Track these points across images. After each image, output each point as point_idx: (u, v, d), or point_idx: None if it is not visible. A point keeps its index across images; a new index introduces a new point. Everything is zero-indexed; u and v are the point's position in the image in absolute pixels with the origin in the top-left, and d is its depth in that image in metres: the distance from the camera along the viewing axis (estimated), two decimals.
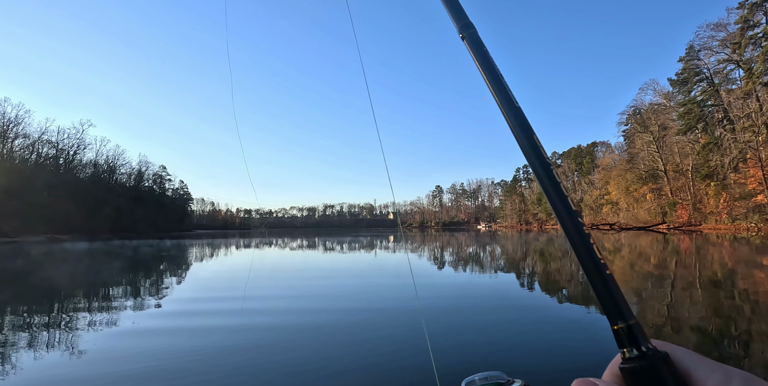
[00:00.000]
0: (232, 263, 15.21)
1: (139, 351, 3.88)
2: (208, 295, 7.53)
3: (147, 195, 77.84)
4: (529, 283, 8.54)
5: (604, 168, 70.86)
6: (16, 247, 27.28)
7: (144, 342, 4.23)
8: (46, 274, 11.74)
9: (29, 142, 54.26)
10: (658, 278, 8.94)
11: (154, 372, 3.29)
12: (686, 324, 4.82)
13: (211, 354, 3.76)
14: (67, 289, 8.69)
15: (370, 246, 23.87)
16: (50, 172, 55.44)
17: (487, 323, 4.90)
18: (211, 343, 4.10)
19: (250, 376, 3.19)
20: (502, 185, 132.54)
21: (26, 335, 4.64)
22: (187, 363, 3.50)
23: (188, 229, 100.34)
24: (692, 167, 45.61)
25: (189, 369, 3.36)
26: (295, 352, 3.81)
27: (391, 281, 8.82)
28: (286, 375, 3.23)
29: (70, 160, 61.02)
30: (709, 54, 42.41)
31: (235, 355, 3.70)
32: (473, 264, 12.81)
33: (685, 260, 12.83)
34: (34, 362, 3.67)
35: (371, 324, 4.89)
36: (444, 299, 6.52)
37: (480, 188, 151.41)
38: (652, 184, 52.58)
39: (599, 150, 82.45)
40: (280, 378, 3.17)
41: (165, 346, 4.03)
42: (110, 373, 3.31)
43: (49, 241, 37.93)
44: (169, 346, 4.03)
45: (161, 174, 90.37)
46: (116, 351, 3.92)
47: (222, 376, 3.19)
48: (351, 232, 64.91)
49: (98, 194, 58.80)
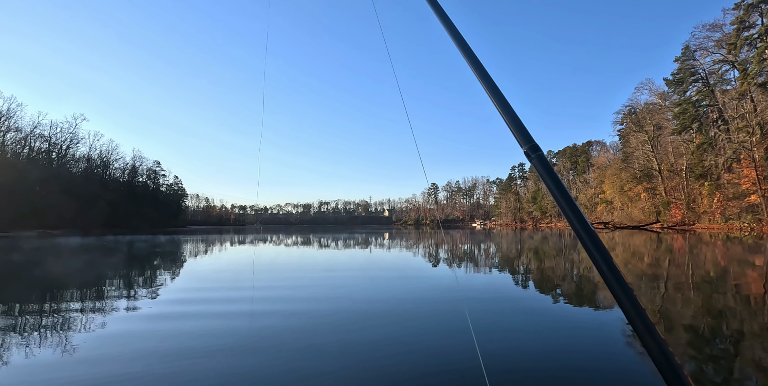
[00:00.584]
0: (234, 257, 15.07)
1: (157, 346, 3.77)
2: (221, 286, 7.41)
3: (141, 191, 77.29)
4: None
5: (599, 167, 71.19)
6: (11, 242, 26.93)
7: (162, 328, 4.12)
8: (48, 268, 11.56)
9: (21, 136, 53.66)
10: (650, 277, 8.93)
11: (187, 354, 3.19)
12: (678, 323, 4.78)
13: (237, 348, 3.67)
14: (68, 283, 8.53)
15: (379, 245, 23.80)
16: (43, 166, 54.84)
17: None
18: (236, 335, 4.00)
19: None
20: (497, 184, 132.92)
21: (47, 328, 4.51)
22: (238, 350, 3.40)
23: (182, 225, 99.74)
24: (686, 167, 45.89)
25: (235, 353, 3.26)
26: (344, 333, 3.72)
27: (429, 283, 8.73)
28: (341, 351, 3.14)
29: (63, 154, 60.43)
30: (705, 54, 42.60)
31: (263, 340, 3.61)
32: (482, 260, 12.76)
33: (678, 259, 12.87)
34: (53, 350, 3.55)
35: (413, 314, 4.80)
36: (491, 301, 6.45)
37: (475, 186, 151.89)
38: (646, 183, 52.88)
39: (594, 149, 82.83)
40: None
41: (193, 337, 3.93)
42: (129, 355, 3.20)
43: (42, 236, 37.52)
44: (202, 344, 3.93)
45: (155, 170, 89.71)
46: (131, 337, 3.81)
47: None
48: (346, 229, 64.84)
49: (91, 189, 58.26)
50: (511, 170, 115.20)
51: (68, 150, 61.42)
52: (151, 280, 8.84)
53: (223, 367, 3.21)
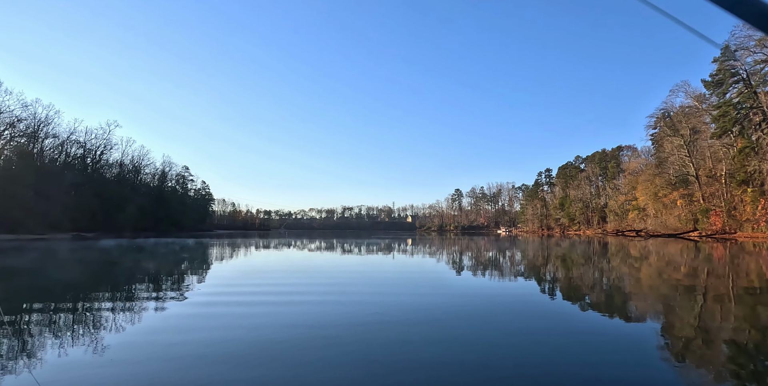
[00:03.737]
0: (268, 259, 15.30)
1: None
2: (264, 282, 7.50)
3: (170, 195, 79.79)
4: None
5: (631, 173, 68.47)
6: (53, 244, 28.34)
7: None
8: (97, 267, 12.11)
9: (58, 142, 55.69)
10: (688, 287, 8.40)
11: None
12: (718, 337, 4.42)
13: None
14: (113, 281, 8.86)
15: (408, 252, 23.68)
16: (78, 171, 57.24)
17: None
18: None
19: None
20: (523, 190, 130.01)
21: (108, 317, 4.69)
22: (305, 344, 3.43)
23: (209, 229, 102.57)
24: (726, 173, 43.48)
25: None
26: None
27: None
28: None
29: (96, 160, 62.69)
30: (746, 54, 40.40)
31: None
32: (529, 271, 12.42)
33: (718, 269, 12.08)
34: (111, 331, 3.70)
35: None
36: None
37: (500, 192, 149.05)
38: (682, 189, 50.41)
39: (625, 154, 79.83)
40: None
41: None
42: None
43: (75, 239, 39.37)
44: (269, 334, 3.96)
45: (184, 175, 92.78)
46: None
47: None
48: (369, 235, 64.85)
49: (123, 194, 60.43)
50: (538, 175, 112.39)
51: (102, 156, 63.76)
52: (201, 274, 9.04)
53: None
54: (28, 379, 3.01)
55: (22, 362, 3.42)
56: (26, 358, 3.53)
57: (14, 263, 13.96)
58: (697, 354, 3.87)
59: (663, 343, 4.14)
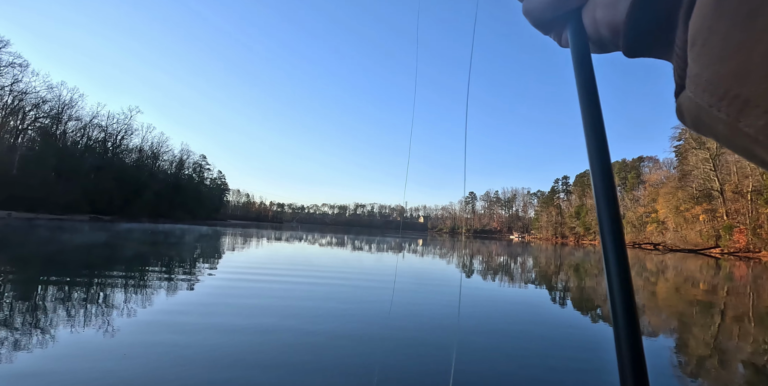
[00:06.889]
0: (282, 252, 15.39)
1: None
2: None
3: (186, 183, 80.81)
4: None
5: (652, 185, 66.70)
6: (75, 225, 29.00)
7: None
8: (129, 246, 12.39)
9: (81, 125, 56.65)
10: (705, 305, 8.07)
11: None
12: (735, 358, 4.19)
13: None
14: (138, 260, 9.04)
15: (421, 253, 23.57)
16: (98, 155, 58.05)
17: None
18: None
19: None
20: (538, 196, 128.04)
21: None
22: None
23: (223, 218, 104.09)
24: (753, 189, 41.93)
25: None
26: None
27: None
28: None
29: (117, 144, 63.40)
30: None
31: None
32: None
33: (739, 288, 11.60)
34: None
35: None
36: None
37: (515, 197, 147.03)
38: (706, 204, 48.81)
39: (646, 165, 77.84)
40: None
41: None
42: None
43: (93, 220, 40.37)
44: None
45: (201, 163, 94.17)
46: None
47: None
48: (382, 233, 64.70)
49: (140, 179, 61.30)
50: (554, 182, 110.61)
51: (122, 141, 64.48)
52: (219, 258, 9.12)
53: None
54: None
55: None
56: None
57: (89, 240, 14.37)
58: (711, 375, 3.67)
59: (676, 361, 3.96)
